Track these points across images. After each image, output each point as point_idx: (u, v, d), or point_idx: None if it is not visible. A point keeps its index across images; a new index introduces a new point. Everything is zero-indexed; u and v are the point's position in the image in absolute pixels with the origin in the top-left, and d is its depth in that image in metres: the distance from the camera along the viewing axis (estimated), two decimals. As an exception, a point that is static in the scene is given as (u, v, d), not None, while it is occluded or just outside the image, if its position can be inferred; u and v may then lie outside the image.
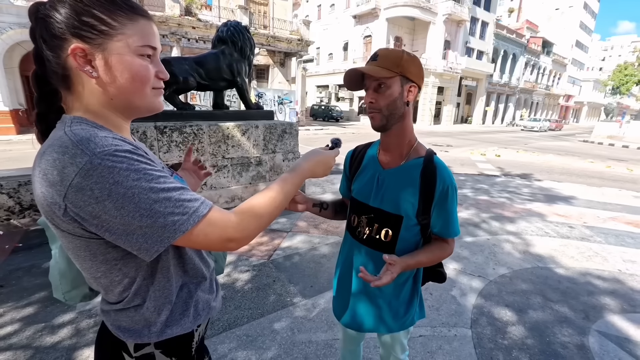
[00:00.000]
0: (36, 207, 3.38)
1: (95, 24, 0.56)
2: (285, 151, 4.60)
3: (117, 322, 0.66)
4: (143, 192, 0.52)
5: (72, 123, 0.57)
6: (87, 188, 0.50)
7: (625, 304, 2.46)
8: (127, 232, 0.53)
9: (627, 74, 36.32)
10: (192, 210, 0.56)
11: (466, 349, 1.93)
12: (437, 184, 0.94)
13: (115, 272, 0.61)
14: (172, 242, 0.56)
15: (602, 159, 11.31)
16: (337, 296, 1.19)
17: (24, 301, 2.21)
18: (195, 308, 0.72)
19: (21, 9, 11.08)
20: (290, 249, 3.14)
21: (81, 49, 0.55)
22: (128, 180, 0.51)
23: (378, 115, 0.94)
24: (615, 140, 18.35)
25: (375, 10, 24.97)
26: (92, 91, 0.59)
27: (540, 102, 44.32)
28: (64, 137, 0.54)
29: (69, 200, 0.51)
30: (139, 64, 0.60)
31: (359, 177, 1.09)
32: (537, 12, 51.42)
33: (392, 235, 1.01)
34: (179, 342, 0.71)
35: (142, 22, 0.60)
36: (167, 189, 0.55)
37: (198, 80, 3.71)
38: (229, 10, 15.74)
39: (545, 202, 5.17)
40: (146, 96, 0.63)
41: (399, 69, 0.90)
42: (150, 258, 0.56)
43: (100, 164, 0.50)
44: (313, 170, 0.80)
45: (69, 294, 0.77)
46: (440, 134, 19.20)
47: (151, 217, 0.52)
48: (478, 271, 2.86)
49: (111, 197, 0.50)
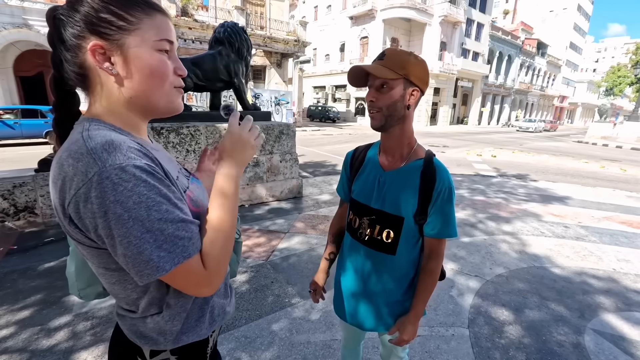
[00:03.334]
0: (31, 209, 3.35)
1: (113, 20, 0.56)
2: (283, 152, 4.60)
3: (134, 327, 0.65)
4: (138, 219, 0.50)
5: (91, 125, 0.56)
6: (88, 200, 0.49)
7: (619, 303, 2.49)
8: (115, 254, 0.53)
9: (621, 75, 36.76)
10: (179, 248, 0.53)
11: (464, 348, 1.94)
12: (436, 185, 0.95)
13: (129, 281, 0.60)
14: (150, 281, 0.53)
15: (596, 159, 11.42)
16: (338, 296, 1.20)
17: (20, 304, 2.19)
18: (211, 314, 0.71)
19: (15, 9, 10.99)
20: (288, 250, 3.14)
21: (100, 46, 0.55)
22: (128, 202, 0.49)
23: (378, 115, 0.94)
24: (609, 140, 18.54)
25: (372, 12, 25.06)
26: (110, 90, 0.58)
27: (535, 103, 44.69)
28: (80, 142, 0.53)
29: (71, 209, 0.51)
30: (157, 59, 0.59)
31: (359, 178, 1.09)
32: (532, 14, 51.91)
33: (394, 237, 1.01)
34: (194, 348, 0.70)
35: (158, 17, 0.60)
36: (165, 219, 0.52)
37: (195, 81, 3.70)
38: (226, 11, 15.71)
39: (541, 202, 5.21)
40: (165, 94, 0.62)
41: (404, 72, 0.90)
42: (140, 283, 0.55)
43: (108, 177, 0.49)
44: (236, 158, 0.66)
45: (84, 291, 0.76)
46: (437, 135, 19.29)
47: (137, 247, 0.50)
48: (475, 271, 2.88)
49: (107, 216, 0.49)
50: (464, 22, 27.72)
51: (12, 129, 9.79)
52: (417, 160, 1.00)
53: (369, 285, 1.08)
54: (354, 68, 0.94)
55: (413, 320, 1.04)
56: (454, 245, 3.39)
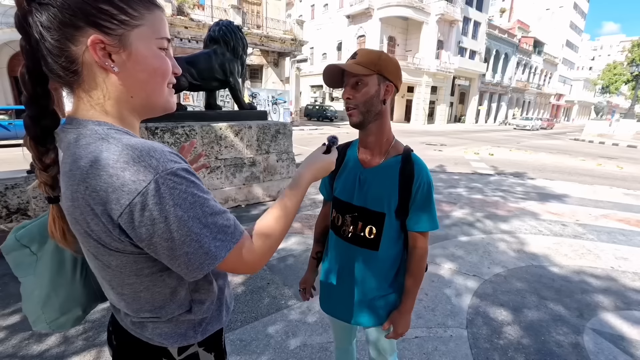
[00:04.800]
0: (24, 211, 3.30)
1: (115, 12, 0.51)
2: (279, 151, 4.56)
3: (158, 330, 0.64)
4: (196, 217, 0.51)
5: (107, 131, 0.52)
6: (146, 208, 0.48)
7: (618, 302, 2.48)
8: (172, 256, 0.52)
9: (616, 73, 37.00)
10: (229, 236, 0.56)
11: (462, 349, 1.92)
12: (414, 180, 0.98)
13: (159, 284, 0.59)
14: (210, 270, 0.55)
15: (593, 156, 11.46)
16: (324, 291, 1.23)
17: (11, 308, 2.15)
18: (226, 302, 0.75)
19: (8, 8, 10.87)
20: (284, 251, 3.11)
21: (101, 41, 0.50)
22: (186, 203, 0.50)
23: (356, 112, 0.97)
24: (605, 138, 18.62)
25: (369, 10, 25.01)
26: (110, 89, 0.54)
27: (532, 101, 44.83)
28: (115, 149, 0.48)
29: (124, 219, 0.48)
30: (160, 58, 0.57)
31: (340, 176, 1.11)
32: (528, 12, 52.01)
33: (376, 233, 1.04)
34: (216, 336, 0.73)
35: (157, 13, 0.57)
36: (214, 212, 0.54)
37: (190, 80, 3.66)
38: (222, 9, 15.62)
39: (539, 201, 5.21)
40: (164, 93, 0.60)
41: (377, 67, 0.92)
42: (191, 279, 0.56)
43: (164, 183, 0.48)
44: (316, 176, 0.79)
45: (56, 322, 0.71)
46: (434, 133, 19.30)
47: (199, 242, 0.52)
48: (473, 270, 2.86)
49: (168, 220, 0.49)
50: (460, 21, 27.72)
51: (6, 130, 9.69)
52: (395, 156, 1.03)
53: (353, 280, 1.11)
54: (329, 67, 0.95)
55: (405, 313, 1.08)
56: (452, 244, 3.38)
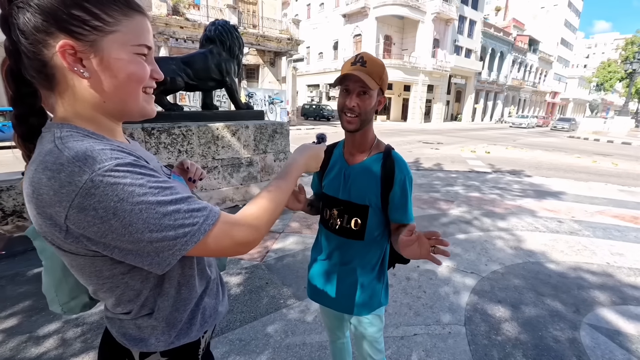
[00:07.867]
0: (19, 213, 3.27)
1: (87, 18, 0.50)
2: (277, 151, 4.56)
3: (123, 329, 0.64)
4: (151, 207, 0.49)
5: (62, 133, 0.52)
6: (89, 208, 0.46)
7: (614, 297, 2.50)
8: (137, 249, 0.51)
9: (611, 70, 37.26)
10: (202, 219, 0.54)
11: (460, 346, 1.94)
12: (395, 175, 1.05)
13: (122, 287, 0.59)
14: (184, 254, 0.53)
15: (588, 154, 11.56)
16: (313, 280, 1.26)
17: (8, 311, 2.13)
18: (202, 315, 0.70)
19: (1, 9, 10.76)
20: (282, 251, 3.11)
21: (71, 46, 0.50)
22: (133, 196, 0.48)
23: (356, 120, 1.02)
24: (600, 135, 18.78)
25: (365, 9, 25.03)
26: (82, 93, 0.54)
27: (527, 99, 45.08)
28: (55, 152, 0.48)
29: (71, 221, 0.47)
30: (135, 64, 0.55)
31: (328, 174, 1.19)
32: (523, 10, 52.23)
33: (361, 224, 1.11)
34: (185, 350, 0.69)
35: (137, 18, 0.56)
36: (175, 200, 0.52)
37: (186, 80, 3.64)
38: (218, 9, 15.57)
39: (535, 198, 5.25)
40: (140, 99, 0.58)
41: (381, 82, 1.00)
42: (163, 271, 0.54)
43: (102, 181, 0.46)
44: (307, 164, 0.82)
45: (67, 305, 0.73)
46: (431, 132, 19.35)
47: (161, 232, 0.50)
48: (471, 268, 2.87)
49: (117, 216, 0.47)
50: (456, 19, 27.83)
51: (1, 132, 9.61)
52: (377, 154, 1.11)
53: (341, 269, 1.17)
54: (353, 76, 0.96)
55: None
56: (450, 242, 3.39)
